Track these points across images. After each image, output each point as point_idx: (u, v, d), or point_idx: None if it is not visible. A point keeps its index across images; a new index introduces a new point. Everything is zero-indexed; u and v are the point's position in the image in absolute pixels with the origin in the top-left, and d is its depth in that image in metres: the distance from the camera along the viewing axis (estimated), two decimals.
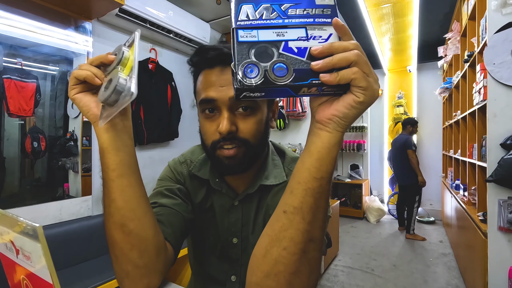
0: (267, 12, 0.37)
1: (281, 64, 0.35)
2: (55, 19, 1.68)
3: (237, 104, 0.53)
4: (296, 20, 0.37)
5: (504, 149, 1.54)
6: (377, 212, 4.26)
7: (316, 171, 0.39)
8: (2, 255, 0.43)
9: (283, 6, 0.38)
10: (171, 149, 2.49)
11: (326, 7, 0.38)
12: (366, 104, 0.36)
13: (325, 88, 0.36)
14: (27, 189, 1.64)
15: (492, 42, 1.58)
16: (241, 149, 0.55)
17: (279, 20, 0.37)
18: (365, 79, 0.35)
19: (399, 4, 2.95)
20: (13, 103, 1.53)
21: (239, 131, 0.54)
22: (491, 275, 1.56)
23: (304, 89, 0.35)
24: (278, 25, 0.37)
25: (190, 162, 0.69)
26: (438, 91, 3.74)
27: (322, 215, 0.40)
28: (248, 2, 0.38)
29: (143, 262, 0.47)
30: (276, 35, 0.36)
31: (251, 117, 0.55)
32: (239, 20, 0.37)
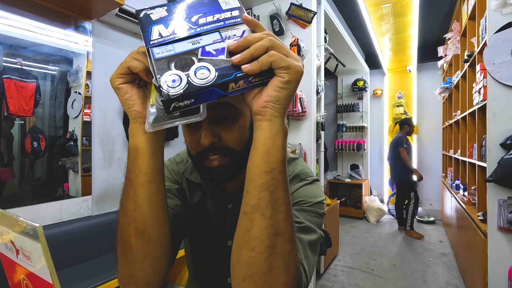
0: (178, 27, 0.39)
1: (202, 67, 0.35)
2: (55, 19, 1.68)
3: (218, 112, 0.50)
4: (208, 27, 0.39)
5: (504, 149, 1.54)
6: (377, 212, 4.26)
7: (265, 165, 0.38)
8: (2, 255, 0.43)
9: (192, 18, 0.40)
10: (171, 149, 2.49)
11: (233, 9, 0.40)
12: (294, 83, 0.37)
13: (251, 79, 0.36)
14: (27, 189, 1.64)
15: (492, 42, 1.58)
16: (226, 158, 0.53)
17: (191, 31, 0.38)
18: (284, 59, 0.35)
19: (399, 4, 2.95)
20: (13, 103, 1.53)
21: (222, 140, 0.52)
22: (491, 275, 1.56)
23: (231, 84, 0.35)
24: (192, 35, 0.38)
25: (185, 162, 0.68)
26: (438, 91, 3.74)
27: (284, 207, 0.39)
28: (158, 23, 0.39)
29: (152, 271, 0.47)
30: (192, 44, 0.38)
31: (232, 125, 0.52)
32: (152, 39, 0.38)
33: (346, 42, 3.38)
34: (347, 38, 3.40)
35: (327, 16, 2.66)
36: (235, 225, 0.61)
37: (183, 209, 0.61)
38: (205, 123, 0.50)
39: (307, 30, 2.32)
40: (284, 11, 2.37)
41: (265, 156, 0.38)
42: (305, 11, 2.28)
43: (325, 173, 3.57)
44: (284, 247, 0.39)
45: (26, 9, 1.56)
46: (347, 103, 4.92)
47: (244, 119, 0.54)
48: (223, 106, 0.50)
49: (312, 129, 2.30)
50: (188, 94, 0.34)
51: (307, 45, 2.29)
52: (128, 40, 2.14)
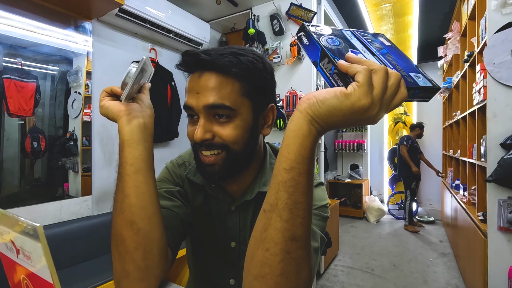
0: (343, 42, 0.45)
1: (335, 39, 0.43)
2: (55, 19, 1.68)
3: (213, 111, 0.52)
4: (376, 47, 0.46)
5: (504, 149, 1.54)
6: (377, 212, 4.26)
7: (285, 160, 0.37)
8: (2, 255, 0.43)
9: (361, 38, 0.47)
10: (171, 149, 2.49)
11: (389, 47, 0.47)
12: (350, 103, 0.34)
13: (336, 72, 0.37)
14: (27, 189, 1.64)
15: (492, 42, 1.58)
16: (221, 155, 0.53)
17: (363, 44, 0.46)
18: (367, 79, 0.33)
19: (399, 4, 2.95)
20: (13, 103, 1.53)
21: (216, 136, 0.53)
22: (491, 275, 1.56)
23: (325, 59, 0.39)
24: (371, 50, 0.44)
25: (188, 165, 0.67)
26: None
27: (303, 212, 0.38)
28: (322, 36, 0.44)
29: (145, 264, 0.47)
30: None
31: (228, 123, 0.53)
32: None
33: None
34: None
35: (327, 16, 2.66)
36: (238, 227, 0.61)
37: (182, 210, 0.61)
38: (201, 117, 0.52)
39: None
40: (284, 11, 2.37)
41: (286, 151, 0.37)
42: (305, 11, 2.28)
43: (325, 173, 3.57)
44: (299, 253, 0.38)
45: (26, 9, 1.56)
46: None
47: (241, 119, 0.54)
48: (218, 106, 0.51)
49: None
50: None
51: None
52: (128, 40, 2.14)
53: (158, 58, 2.33)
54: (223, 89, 0.52)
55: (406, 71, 0.41)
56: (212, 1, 2.42)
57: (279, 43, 2.38)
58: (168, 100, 2.36)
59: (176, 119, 2.43)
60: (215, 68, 0.52)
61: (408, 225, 3.85)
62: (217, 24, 2.84)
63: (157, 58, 2.32)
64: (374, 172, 5.09)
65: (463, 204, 2.35)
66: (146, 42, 2.26)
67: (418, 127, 3.96)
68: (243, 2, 2.50)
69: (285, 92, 2.28)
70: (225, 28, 2.95)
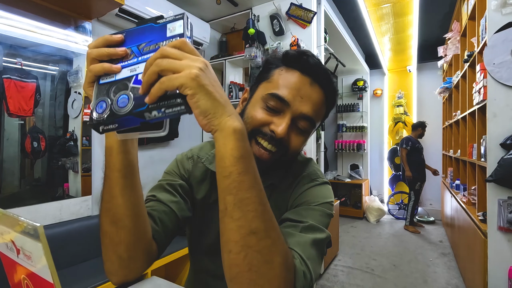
0: (129, 56, 0.40)
1: (124, 95, 0.37)
2: (55, 19, 1.68)
3: (301, 121, 0.56)
4: (147, 56, 0.39)
5: (504, 149, 1.54)
6: (377, 212, 4.27)
7: (222, 170, 0.39)
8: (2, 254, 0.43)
9: (140, 46, 0.40)
10: (171, 149, 2.49)
11: (175, 36, 0.39)
12: (200, 92, 0.35)
13: (164, 110, 0.35)
14: (27, 189, 1.64)
15: (492, 42, 1.58)
16: (274, 156, 0.56)
17: (135, 59, 0.39)
18: (172, 79, 0.34)
19: (399, 4, 2.95)
20: (13, 103, 1.53)
21: (288, 140, 0.56)
22: (491, 275, 1.57)
23: (146, 114, 0.35)
24: (133, 64, 0.39)
25: (197, 158, 0.69)
26: (438, 91, 3.74)
27: (253, 205, 0.39)
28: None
29: (127, 255, 0.49)
30: (130, 71, 0.39)
31: (303, 136, 0.58)
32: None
33: (346, 42, 3.38)
34: (347, 38, 3.40)
35: (327, 16, 2.66)
36: None
37: (178, 206, 0.61)
38: (288, 116, 0.54)
39: (307, 30, 2.32)
40: (284, 11, 2.37)
41: (221, 162, 0.39)
42: (305, 11, 2.28)
43: (325, 173, 3.57)
44: (262, 244, 0.39)
45: (26, 9, 1.56)
46: (347, 103, 4.92)
47: (309, 135, 0.60)
48: (309, 120, 0.56)
49: None
50: (110, 120, 0.36)
51: (307, 45, 2.29)
52: None
53: None
54: (320, 109, 0.58)
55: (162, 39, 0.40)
56: (212, 1, 2.42)
57: (279, 43, 2.38)
58: None
59: (176, 119, 2.43)
60: (325, 87, 0.57)
61: (409, 225, 3.85)
62: (217, 24, 2.84)
63: None
64: (374, 172, 5.09)
65: (463, 204, 2.35)
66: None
67: (420, 127, 3.93)
68: (243, 2, 2.50)
69: None
70: (225, 28, 2.95)
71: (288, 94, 0.54)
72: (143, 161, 2.25)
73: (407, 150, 3.80)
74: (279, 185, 0.63)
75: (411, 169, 3.77)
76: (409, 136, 3.92)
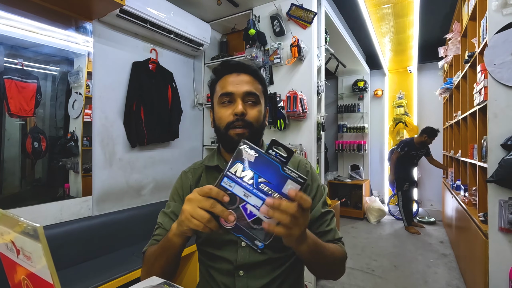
0: (247, 177, 0.51)
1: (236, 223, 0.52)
2: (55, 19, 1.69)
3: (246, 97, 0.76)
4: (260, 194, 0.50)
5: (504, 149, 1.53)
6: (377, 213, 4.26)
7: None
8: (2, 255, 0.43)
9: (260, 179, 0.51)
10: (171, 149, 2.49)
11: (285, 197, 0.50)
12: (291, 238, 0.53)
13: (249, 243, 0.52)
14: (27, 189, 1.64)
15: (493, 43, 1.58)
16: (247, 129, 0.74)
17: (251, 187, 0.51)
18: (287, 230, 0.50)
19: (400, 5, 2.95)
20: (14, 103, 1.53)
21: (247, 115, 0.74)
22: (492, 276, 1.56)
23: (241, 236, 0.52)
24: (249, 190, 0.51)
25: (193, 169, 0.87)
26: (438, 91, 3.73)
27: (325, 260, 0.69)
28: (241, 162, 0.52)
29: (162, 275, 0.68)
30: (244, 194, 0.51)
31: (255, 107, 0.77)
32: (230, 171, 0.52)
33: (347, 42, 3.38)
34: (348, 38, 3.40)
35: (327, 17, 2.66)
36: None
37: None
38: (239, 99, 0.75)
39: (307, 31, 2.32)
40: (284, 12, 2.37)
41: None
42: (305, 11, 2.29)
43: (325, 173, 3.57)
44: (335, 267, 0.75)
45: (27, 10, 1.57)
46: (347, 103, 4.92)
47: (261, 106, 0.79)
48: (251, 93, 0.76)
49: (312, 130, 2.30)
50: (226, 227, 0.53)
51: (307, 45, 2.29)
52: (128, 41, 2.14)
53: (159, 59, 2.33)
54: (254, 84, 0.78)
55: (277, 190, 0.50)
56: (212, 2, 2.43)
57: (279, 43, 2.38)
58: (168, 101, 2.37)
59: (176, 120, 2.43)
60: (248, 72, 0.79)
61: (408, 226, 3.86)
62: (217, 25, 2.85)
63: (158, 58, 2.32)
64: (374, 173, 5.08)
65: (464, 204, 2.35)
66: (146, 42, 2.27)
67: (426, 134, 3.66)
68: (243, 3, 2.50)
69: (285, 92, 2.28)
70: (225, 29, 2.95)
71: (229, 87, 0.76)
72: (144, 161, 2.26)
73: (400, 155, 3.80)
74: None
75: (398, 169, 3.83)
76: (408, 141, 3.85)
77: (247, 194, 0.50)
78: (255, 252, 0.71)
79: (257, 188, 0.50)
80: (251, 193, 0.50)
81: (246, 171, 0.51)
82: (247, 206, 0.51)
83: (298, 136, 2.36)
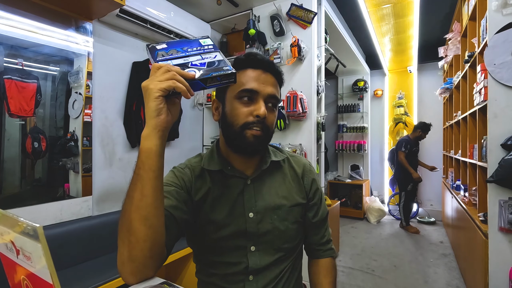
0: (174, 52, 0.60)
1: (192, 70, 0.56)
2: (55, 19, 1.69)
3: (269, 100, 0.71)
4: (194, 52, 0.61)
5: (504, 149, 1.53)
6: (377, 213, 4.26)
7: None
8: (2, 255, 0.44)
9: (183, 48, 0.62)
10: (171, 149, 2.49)
11: (209, 45, 0.65)
12: None
13: (222, 80, 0.57)
14: (27, 189, 1.64)
15: (493, 43, 1.58)
16: (264, 132, 0.69)
17: (183, 54, 0.60)
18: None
19: (400, 5, 2.95)
20: (14, 103, 1.53)
21: (266, 118, 0.69)
22: (492, 276, 1.56)
23: (209, 80, 0.55)
24: (183, 56, 0.60)
25: (191, 166, 0.77)
26: (438, 91, 3.73)
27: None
28: (161, 50, 0.60)
29: (150, 254, 0.55)
30: (183, 60, 0.59)
31: (273, 112, 0.73)
32: (158, 58, 0.58)
33: (347, 42, 3.38)
34: (348, 38, 3.40)
35: (327, 17, 2.66)
36: (252, 198, 0.75)
37: (177, 212, 0.66)
38: (261, 100, 0.69)
39: (307, 31, 2.32)
40: (284, 12, 2.37)
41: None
42: (305, 11, 2.29)
43: (325, 173, 3.57)
44: None
45: (27, 10, 1.57)
46: (347, 103, 4.92)
47: (276, 111, 0.76)
48: (274, 97, 0.72)
49: (312, 130, 2.30)
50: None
51: (307, 45, 2.29)
52: (128, 41, 2.14)
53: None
54: (277, 87, 0.75)
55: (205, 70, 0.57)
56: (212, 2, 2.43)
57: (279, 43, 2.38)
58: None
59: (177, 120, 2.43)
60: (275, 73, 0.74)
61: (407, 226, 3.84)
62: (217, 25, 2.85)
63: None
64: (374, 173, 5.08)
65: (463, 204, 2.35)
66: (146, 42, 2.27)
67: (420, 129, 3.76)
68: (243, 3, 2.50)
69: (285, 92, 2.28)
70: (225, 29, 2.95)
71: (254, 84, 0.69)
72: None
73: (405, 154, 3.74)
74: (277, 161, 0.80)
75: (403, 171, 3.74)
76: (406, 138, 3.84)
77: (185, 59, 0.59)
78: (265, 255, 0.72)
79: (187, 52, 0.60)
80: (188, 57, 0.59)
81: (169, 51, 0.60)
82: (193, 62, 0.58)
83: (298, 136, 2.36)
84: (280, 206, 0.75)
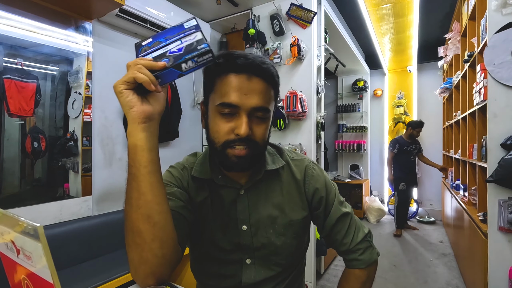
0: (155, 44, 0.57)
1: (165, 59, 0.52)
2: (55, 19, 1.68)
3: (254, 111, 0.60)
4: (174, 39, 0.56)
5: (504, 149, 1.54)
6: (377, 212, 4.26)
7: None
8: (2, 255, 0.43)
9: (165, 37, 0.57)
10: (171, 149, 2.49)
11: (191, 26, 0.57)
12: None
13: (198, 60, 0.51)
14: (27, 189, 1.64)
15: (492, 42, 1.58)
16: (250, 150, 0.60)
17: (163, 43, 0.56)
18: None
19: (399, 4, 2.95)
20: (13, 103, 1.53)
21: (253, 134, 0.60)
22: (491, 275, 1.56)
23: (183, 65, 0.51)
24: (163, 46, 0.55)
25: (189, 167, 0.73)
26: (438, 91, 3.74)
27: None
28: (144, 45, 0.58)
29: (161, 253, 0.51)
30: (163, 50, 0.55)
31: (263, 124, 0.62)
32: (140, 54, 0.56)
33: (347, 42, 3.38)
34: (347, 38, 3.40)
35: (327, 16, 2.66)
36: (246, 209, 0.70)
37: (185, 211, 0.64)
38: (244, 115, 0.59)
39: (307, 31, 2.32)
40: (284, 11, 2.37)
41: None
42: (305, 11, 2.28)
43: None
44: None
45: (26, 9, 1.56)
46: (347, 103, 4.92)
47: (269, 120, 0.64)
48: (262, 109, 0.60)
49: (312, 129, 2.30)
50: (158, 75, 0.51)
51: (307, 45, 2.29)
52: (128, 41, 2.14)
53: None
54: (267, 94, 0.61)
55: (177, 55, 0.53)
56: (212, 2, 2.43)
57: (279, 43, 2.38)
58: (168, 100, 2.36)
59: (176, 120, 2.43)
60: (263, 76, 0.60)
61: (397, 229, 3.74)
62: (217, 25, 2.84)
63: None
64: (374, 173, 5.08)
65: (463, 204, 2.35)
66: None
67: (410, 127, 3.75)
68: (243, 3, 2.50)
69: (285, 92, 2.27)
70: (225, 29, 2.95)
71: (234, 97, 0.58)
72: None
73: (394, 153, 3.76)
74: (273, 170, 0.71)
75: (395, 168, 3.77)
76: (397, 138, 3.85)
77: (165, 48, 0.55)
78: (261, 269, 0.68)
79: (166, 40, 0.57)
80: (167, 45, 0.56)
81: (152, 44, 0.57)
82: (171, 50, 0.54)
83: (298, 136, 2.36)
84: (276, 219, 0.68)
